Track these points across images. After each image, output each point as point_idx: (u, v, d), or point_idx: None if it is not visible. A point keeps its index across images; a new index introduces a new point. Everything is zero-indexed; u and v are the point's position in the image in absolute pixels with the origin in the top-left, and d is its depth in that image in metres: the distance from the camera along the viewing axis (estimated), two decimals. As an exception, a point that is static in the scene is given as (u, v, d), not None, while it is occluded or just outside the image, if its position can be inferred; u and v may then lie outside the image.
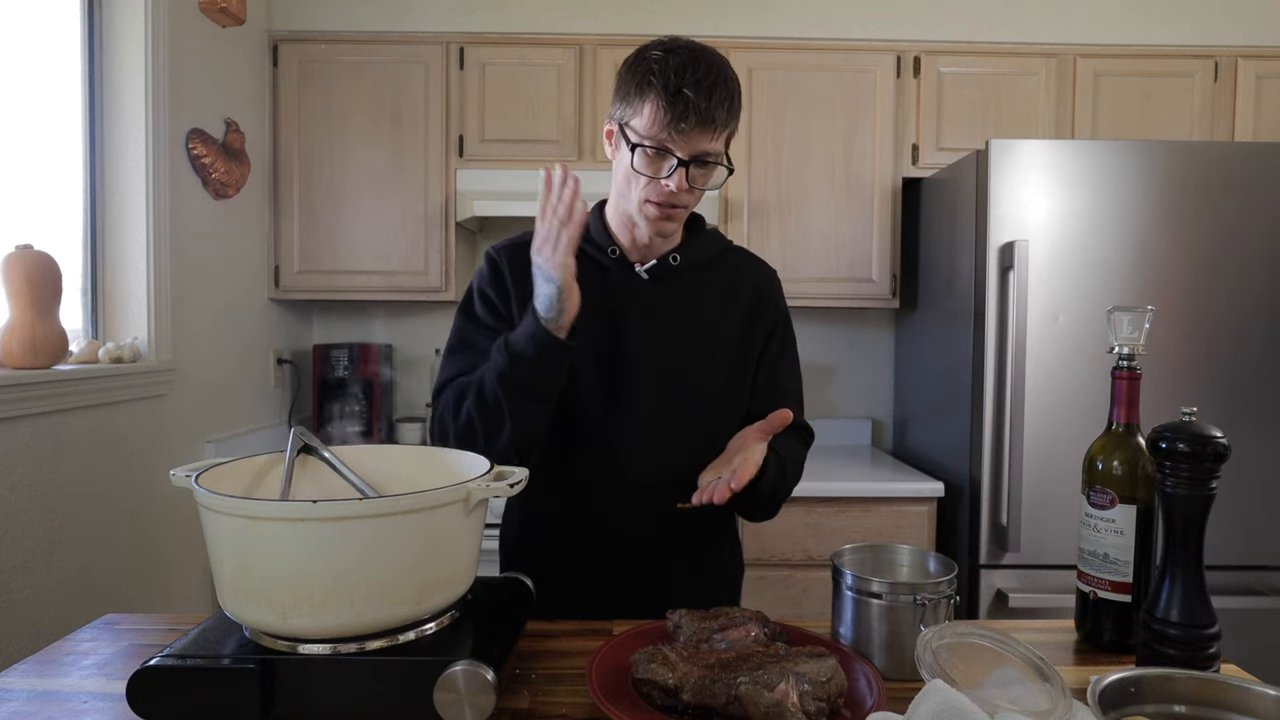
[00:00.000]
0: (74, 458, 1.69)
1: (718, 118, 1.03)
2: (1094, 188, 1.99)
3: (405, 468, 0.95)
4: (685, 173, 1.05)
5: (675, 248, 1.18)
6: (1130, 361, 0.95)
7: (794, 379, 1.26)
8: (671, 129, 1.03)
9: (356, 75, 2.48)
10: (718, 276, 1.21)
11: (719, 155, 1.07)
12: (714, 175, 1.09)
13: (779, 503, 1.18)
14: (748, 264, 1.26)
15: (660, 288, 1.16)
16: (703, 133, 1.03)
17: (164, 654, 0.72)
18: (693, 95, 1.01)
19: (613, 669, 0.81)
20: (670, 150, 1.04)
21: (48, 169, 1.83)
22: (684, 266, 1.18)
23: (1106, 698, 0.72)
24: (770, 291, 1.24)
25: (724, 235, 1.27)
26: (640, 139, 1.05)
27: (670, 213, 1.08)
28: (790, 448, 1.19)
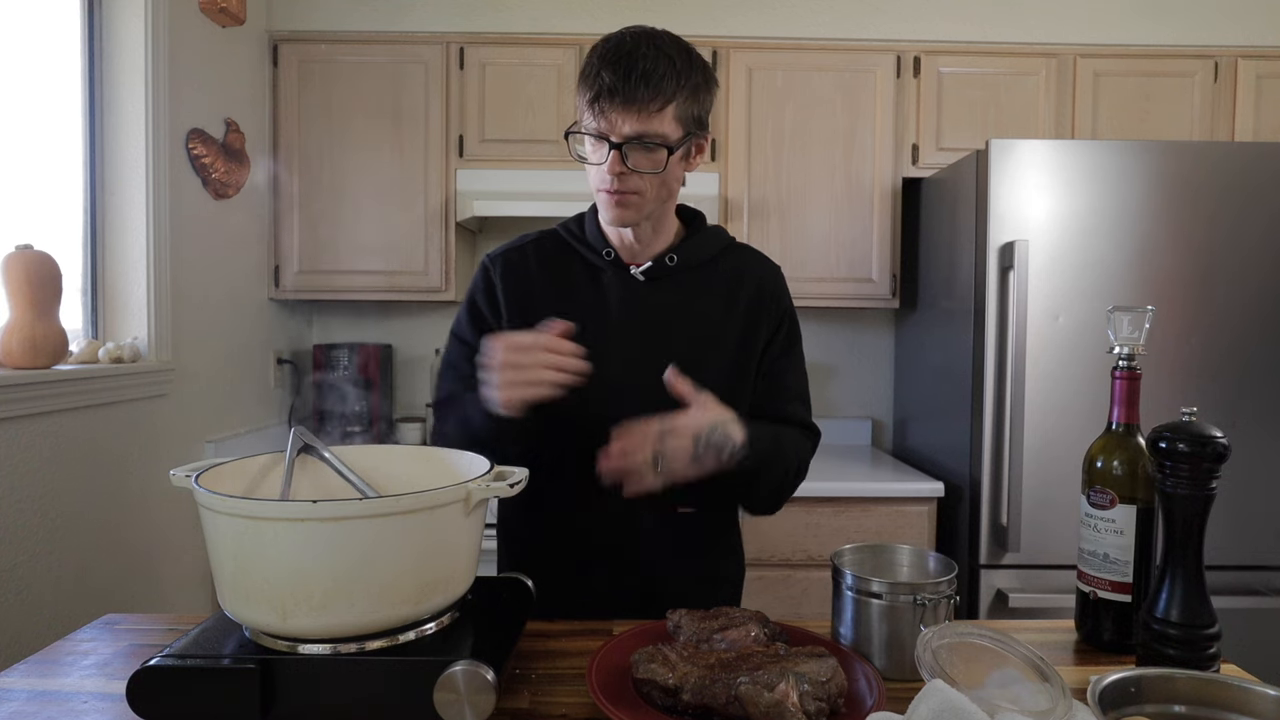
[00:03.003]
0: (74, 457, 1.69)
1: (640, 97, 1.00)
2: (1094, 188, 1.99)
3: (405, 468, 0.95)
4: (620, 156, 1.02)
5: (672, 247, 1.17)
6: (1130, 361, 0.95)
7: (798, 377, 1.23)
8: (595, 112, 1.02)
9: (356, 75, 2.48)
10: (718, 275, 1.18)
11: (661, 137, 1.02)
12: (657, 158, 1.04)
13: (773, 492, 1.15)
14: (750, 261, 1.23)
15: (656, 289, 1.15)
16: (628, 113, 1.00)
17: (164, 654, 0.72)
18: (610, 77, 1.00)
19: (613, 669, 0.81)
20: (603, 135, 1.02)
21: (48, 169, 1.83)
22: (681, 266, 1.16)
23: (1106, 698, 0.72)
24: (773, 288, 1.21)
25: (725, 232, 1.25)
26: (574, 126, 1.05)
27: (622, 199, 1.05)
28: (791, 440, 1.16)
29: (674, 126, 1.03)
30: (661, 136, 1.02)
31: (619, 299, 1.14)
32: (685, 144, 1.06)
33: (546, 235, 1.21)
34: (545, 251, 1.19)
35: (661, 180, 1.06)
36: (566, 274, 1.16)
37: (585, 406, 1.09)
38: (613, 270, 1.15)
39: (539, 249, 1.19)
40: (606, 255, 1.15)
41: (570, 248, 1.18)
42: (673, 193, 1.12)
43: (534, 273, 1.17)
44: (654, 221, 1.13)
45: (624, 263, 1.15)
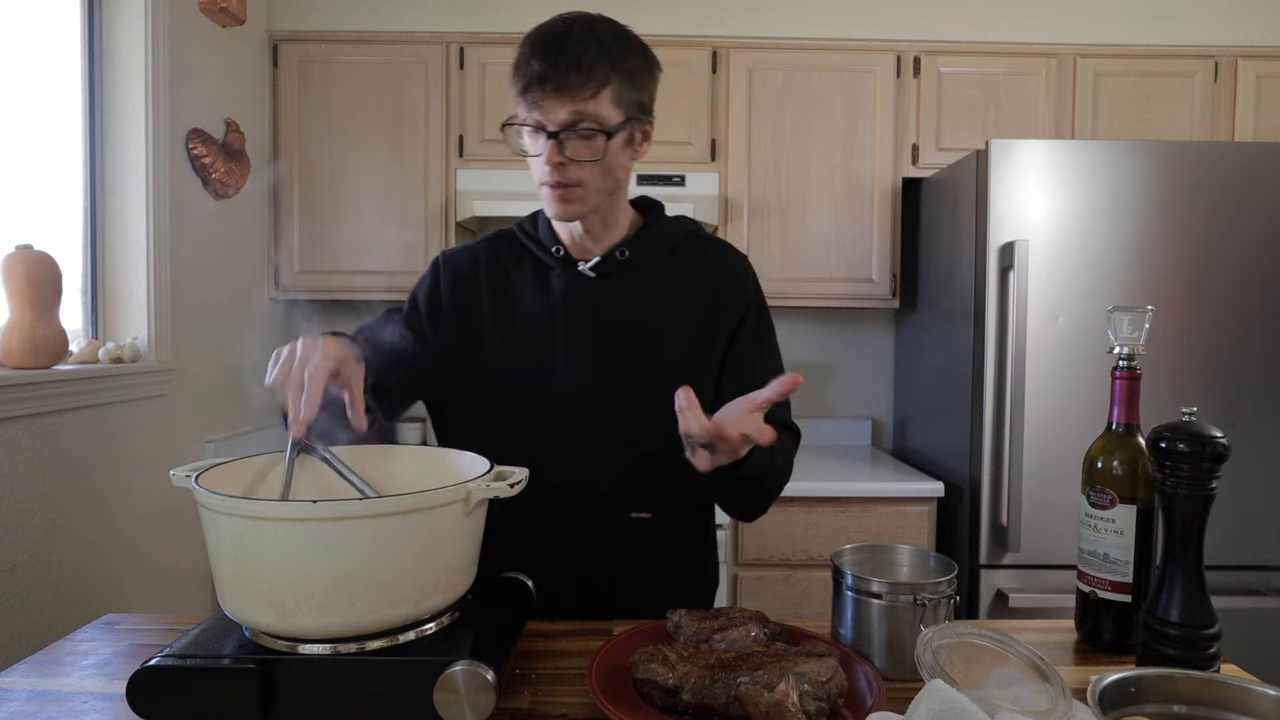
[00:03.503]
0: (74, 458, 1.69)
1: (572, 82, 0.96)
2: (1094, 188, 1.99)
3: (405, 468, 0.95)
4: (557, 146, 0.98)
5: (624, 241, 1.11)
6: (1130, 361, 0.95)
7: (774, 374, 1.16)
8: (529, 102, 0.98)
9: (356, 75, 2.48)
10: (676, 268, 1.13)
11: (598, 120, 0.98)
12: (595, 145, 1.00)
13: (763, 499, 1.11)
14: (713, 251, 1.17)
15: (608, 285, 1.10)
16: (561, 100, 0.97)
17: (164, 654, 0.72)
18: (540, 65, 0.97)
19: (613, 669, 0.81)
20: (538, 125, 0.99)
21: (48, 169, 1.83)
22: (635, 260, 1.10)
23: (1106, 698, 0.72)
24: (737, 278, 1.15)
25: (692, 222, 1.19)
26: (510, 119, 1.02)
27: (565, 192, 1.01)
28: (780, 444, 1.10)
29: (612, 110, 1.00)
30: (598, 120, 0.98)
31: (568, 298, 1.09)
32: (627, 129, 1.02)
33: (502, 235, 1.17)
34: (497, 253, 1.15)
35: (604, 169, 1.02)
36: (515, 275, 1.13)
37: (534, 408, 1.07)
38: (562, 268, 1.11)
39: (491, 251, 1.16)
40: (556, 252, 1.11)
41: (523, 247, 1.14)
42: (619, 182, 1.07)
43: (481, 276, 1.14)
44: (603, 214, 1.08)
45: (574, 259, 1.11)
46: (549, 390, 1.08)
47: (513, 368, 1.09)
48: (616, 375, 1.07)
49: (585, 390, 1.07)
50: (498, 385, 1.09)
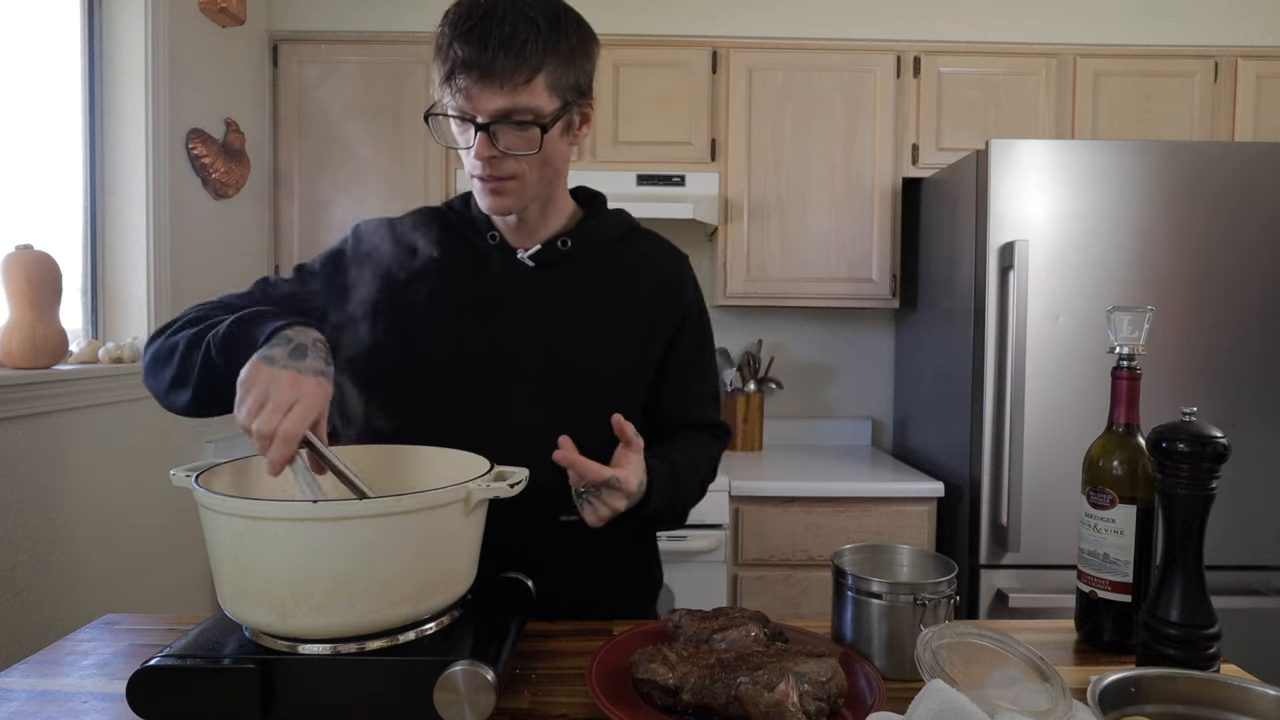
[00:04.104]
0: (74, 458, 1.69)
1: (501, 68, 0.88)
2: (1094, 188, 1.99)
3: (405, 468, 0.95)
4: (488, 139, 0.90)
5: (565, 230, 1.05)
6: (1130, 361, 0.95)
7: (707, 379, 1.15)
8: (454, 89, 0.90)
9: (356, 75, 2.48)
10: (617, 262, 1.08)
11: (533, 111, 0.91)
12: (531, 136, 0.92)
13: (677, 518, 1.07)
14: (654, 248, 1.12)
15: (547, 275, 1.04)
16: (489, 88, 0.88)
17: (164, 654, 0.72)
18: (465, 49, 0.88)
19: (613, 669, 0.81)
20: (466, 115, 0.91)
21: (48, 169, 1.83)
22: (576, 250, 1.05)
23: (1106, 698, 0.72)
24: (678, 280, 1.11)
25: (629, 216, 1.13)
26: (433, 107, 0.93)
27: (499, 186, 0.95)
28: (699, 448, 1.10)
29: (547, 98, 0.92)
30: (533, 111, 0.91)
31: (506, 287, 1.03)
32: (564, 116, 0.95)
33: (429, 213, 1.09)
34: (427, 232, 1.06)
35: (541, 160, 0.95)
36: (448, 258, 1.05)
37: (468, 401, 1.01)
38: (498, 255, 1.04)
39: (417, 227, 1.07)
40: (491, 239, 1.04)
41: (454, 227, 1.07)
42: (559, 172, 1.01)
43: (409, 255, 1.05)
44: (541, 203, 1.02)
45: (510, 247, 1.04)
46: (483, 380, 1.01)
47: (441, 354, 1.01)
48: (558, 369, 1.02)
49: (523, 382, 1.01)
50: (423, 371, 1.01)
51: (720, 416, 1.18)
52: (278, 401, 0.77)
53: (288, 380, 0.79)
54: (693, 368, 1.13)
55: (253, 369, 0.80)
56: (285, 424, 0.77)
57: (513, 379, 1.01)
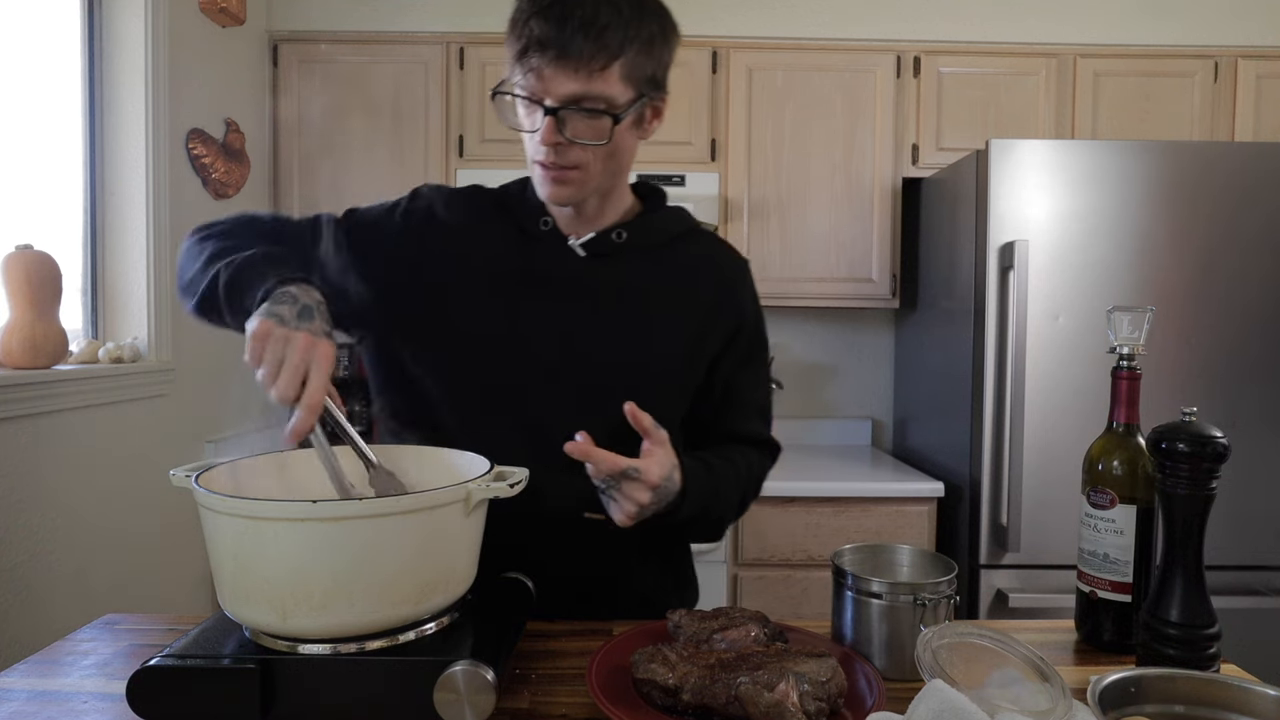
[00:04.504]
0: (74, 458, 1.69)
1: (579, 50, 0.83)
2: (1094, 188, 1.99)
3: (405, 467, 0.95)
4: (555, 124, 0.86)
5: (621, 222, 1.01)
6: (1130, 361, 0.95)
7: (758, 390, 1.10)
8: (525, 69, 0.86)
9: (356, 75, 2.48)
10: (673, 261, 1.03)
11: (605, 100, 0.86)
12: (601, 126, 0.88)
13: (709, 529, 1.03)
14: (714, 250, 1.08)
15: (597, 266, 0.99)
16: (564, 71, 0.84)
17: (164, 654, 0.72)
18: (542, 26, 0.83)
19: (613, 669, 0.81)
20: (536, 97, 0.87)
21: (48, 169, 1.83)
22: (630, 245, 1.00)
23: (1106, 698, 0.72)
24: (737, 284, 1.07)
25: (690, 215, 1.09)
26: (501, 84, 0.89)
27: (561, 175, 0.91)
28: (742, 458, 1.05)
29: (622, 88, 0.87)
30: (606, 100, 0.87)
31: (554, 275, 0.99)
32: (636, 108, 0.90)
33: (485, 191, 1.06)
34: (479, 207, 1.03)
35: (608, 152, 0.91)
36: (495, 235, 1.01)
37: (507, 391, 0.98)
38: (549, 241, 1.00)
39: (472, 202, 1.04)
40: (544, 225, 1.00)
41: (508, 209, 1.03)
42: (623, 165, 0.97)
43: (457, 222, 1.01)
44: (600, 196, 0.98)
45: (562, 235, 1.00)
46: (520, 368, 0.97)
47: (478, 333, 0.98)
48: (597, 362, 0.98)
49: (562, 376, 0.97)
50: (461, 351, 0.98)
51: (769, 432, 1.12)
52: (294, 365, 0.76)
53: (302, 343, 0.77)
54: (743, 378, 1.07)
55: (262, 326, 0.78)
56: (308, 392, 0.76)
57: (548, 367, 0.97)
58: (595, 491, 0.90)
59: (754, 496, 1.08)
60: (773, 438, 1.12)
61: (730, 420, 1.08)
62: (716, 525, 1.04)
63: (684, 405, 1.05)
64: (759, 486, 1.09)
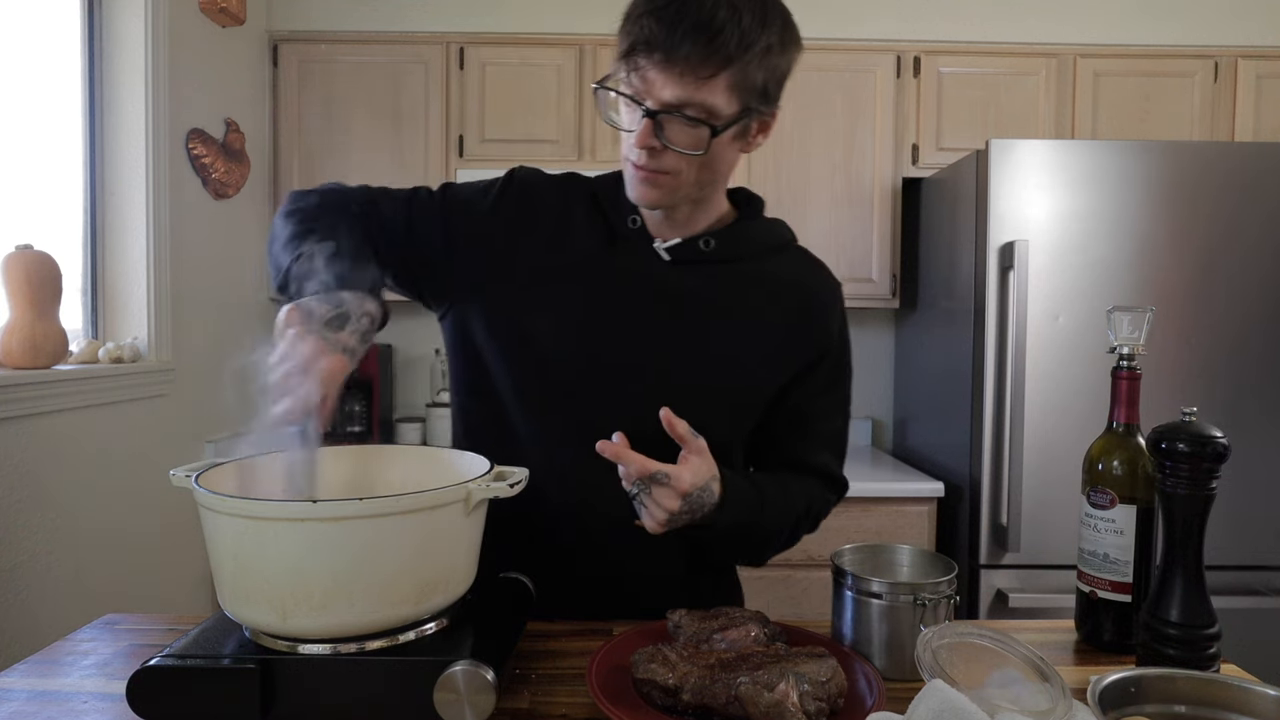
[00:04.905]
0: (74, 458, 1.69)
1: (687, 55, 0.79)
2: (1094, 188, 1.99)
3: (405, 468, 0.95)
4: (652, 127, 0.83)
5: (711, 230, 0.97)
6: (1130, 361, 0.95)
7: (833, 420, 1.04)
8: (630, 67, 0.83)
9: (356, 75, 2.48)
10: (761, 274, 0.99)
11: (707, 110, 0.82)
12: (699, 135, 0.84)
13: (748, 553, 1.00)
14: (807, 270, 1.03)
15: (681, 273, 0.96)
16: (669, 75, 0.81)
17: (164, 654, 0.72)
18: (654, 26, 0.80)
19: (613, 669, 0.81)
20: (636, 97, 0.84)
21: (48, 169, 1.83)
22: (718, 253, 0.96)
23: (1106, 698, 0.72)
24: (826, 309, 1.01)
25: (786, 229, 1.04)
26: (605, 79, 0.86)
27: (651, 177, 0.88)
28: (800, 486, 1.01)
29: (727, 99, 0.83)
30: (708, 110, 0.82)
31: (634, 277, 0.96)
32: (741, 121, 0.86)
33: (578, 181, 1.03)
34: (570, 198, 1.01)
35: (703, 162, 0.87)
36: (581, 228, 0.99)
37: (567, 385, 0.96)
38: (635, 241, 0.97)
39: (563, 192, 1.02)
40: (632, 224, 0.97)
41: (598, 203, 1.00)
42: (719, 176, 0.93)
43: (547, 210, 0.99)
44: (692, 202, 0.95)
45: (649, 236, 0.97)
46: (584, 366, 0.95)
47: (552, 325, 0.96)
48: (664, 372, 0.95)
49: (625, 379, 0.95)
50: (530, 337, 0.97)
51: (837, 469, 1.05)
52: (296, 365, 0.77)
53: (309, 348, 0.77)
54: (818, 406, 1.03)
55: (288, 316, 0.79)
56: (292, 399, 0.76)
57: (612, 368, 0.95)
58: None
59: (808, 530, 1.04)
60: (841, 474, 1.06)
61: (797, 448, 1.03)
62: (758, 549, 1.00)
63: (748, 424, 1.01)
64: (816, 523, 1.04)
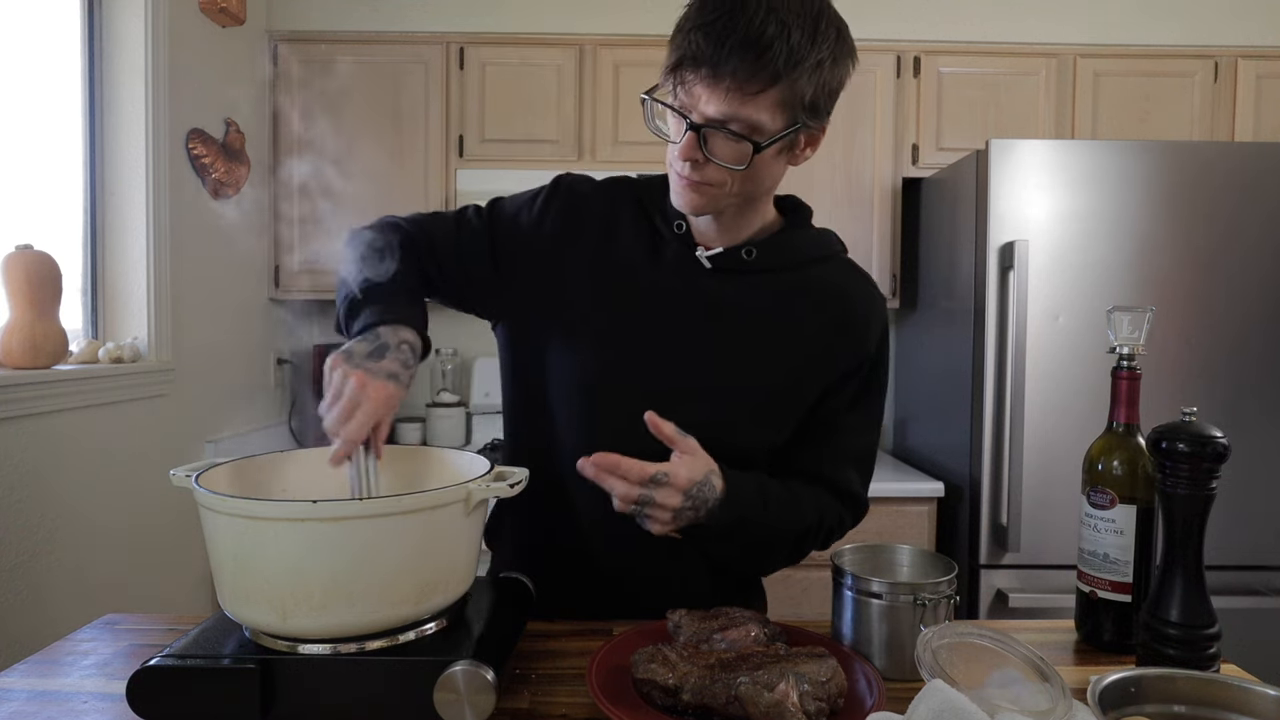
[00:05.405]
0: (74, 458, 1.69)
1: (733, 71, 0.79)
2: (1094, 188, 1.99)
3: (405, 468, 0.95)
4: (696, 140, 0.83)
5: (755, 239, 0.97)
6: (1130, 361, 0.95)
7: (861, 437, 1.02)
8: (676, 80, 0.83)
9: (356, 75, 2.48)
10: (802, 287, 0.98)
11: (751, 126, 0.82)
12: (743, 150, 0.84)
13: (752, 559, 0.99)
14: (849, 280, 1.01)
15: (721, 281, 0.96)
16: (714, 90, 0.80)
17: (164, 654, 0.72)
18: (701, 41, 0.79)
19: (613, 669, 0.81)
20: (681, 110, 0.84)
21: (48, 169, 1.83)
22: (760, 262, 0.96)
23: (1106, 698, 0.72)
24: (867, 320, 1.00)
25: (834, 240, 1.03)
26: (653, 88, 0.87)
27: (694, 186, 0.88)
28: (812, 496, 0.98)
29: (773, 115, 0.82)
30: (752, 126, 0.82)
31: (674, 282, 0.96)
32: (787, 137, 0.85)
33: (626, 185, 1.03)
34: (617, 201, 1.02)
35: (746, 176, 0.87)
36: (626, 233, 0.99)
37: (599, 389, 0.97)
38: (677, 246, 0.97)
39: (610, 196, 1.02)
40: (678, 228, 0.97)
41: (644, 207, 1.01)
42: (763, 188, 0.93)
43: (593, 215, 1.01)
44: (736, 210, 0.95)
45: (692, 242, 0.97)
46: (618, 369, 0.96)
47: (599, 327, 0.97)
48: (695, 378, 0.95)
49: (657, 384, 0.95)
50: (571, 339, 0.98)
51: (858, 487, 1.02)
52: (345, 402, 0.81)
53: (356, 381, 0.82)
54: (846, 420, 1.01)
55: (332, 361, 0.85)
56: (348, 428, 0.81)
57: (645, 372, 0.95)
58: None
59: (816, 546, 1.01)
60: (862, 494, 1.03)
61: (818, 459, 1.01)
62: (762, 553, 0.98)
63: (782, 433, 1.00)
64: (826, 540, 1.02)
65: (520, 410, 1.06)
